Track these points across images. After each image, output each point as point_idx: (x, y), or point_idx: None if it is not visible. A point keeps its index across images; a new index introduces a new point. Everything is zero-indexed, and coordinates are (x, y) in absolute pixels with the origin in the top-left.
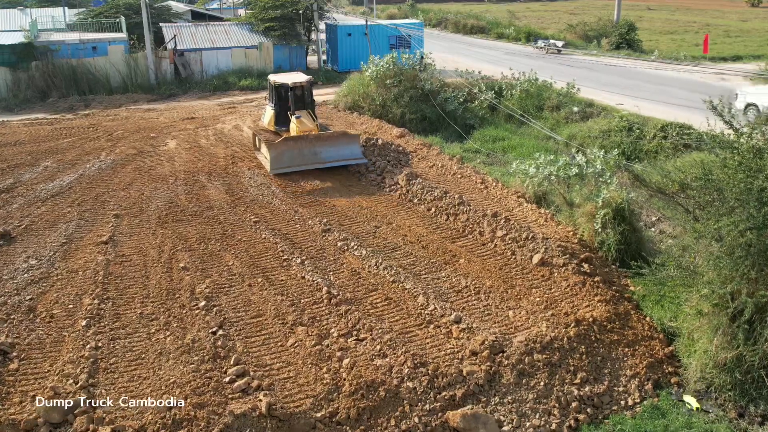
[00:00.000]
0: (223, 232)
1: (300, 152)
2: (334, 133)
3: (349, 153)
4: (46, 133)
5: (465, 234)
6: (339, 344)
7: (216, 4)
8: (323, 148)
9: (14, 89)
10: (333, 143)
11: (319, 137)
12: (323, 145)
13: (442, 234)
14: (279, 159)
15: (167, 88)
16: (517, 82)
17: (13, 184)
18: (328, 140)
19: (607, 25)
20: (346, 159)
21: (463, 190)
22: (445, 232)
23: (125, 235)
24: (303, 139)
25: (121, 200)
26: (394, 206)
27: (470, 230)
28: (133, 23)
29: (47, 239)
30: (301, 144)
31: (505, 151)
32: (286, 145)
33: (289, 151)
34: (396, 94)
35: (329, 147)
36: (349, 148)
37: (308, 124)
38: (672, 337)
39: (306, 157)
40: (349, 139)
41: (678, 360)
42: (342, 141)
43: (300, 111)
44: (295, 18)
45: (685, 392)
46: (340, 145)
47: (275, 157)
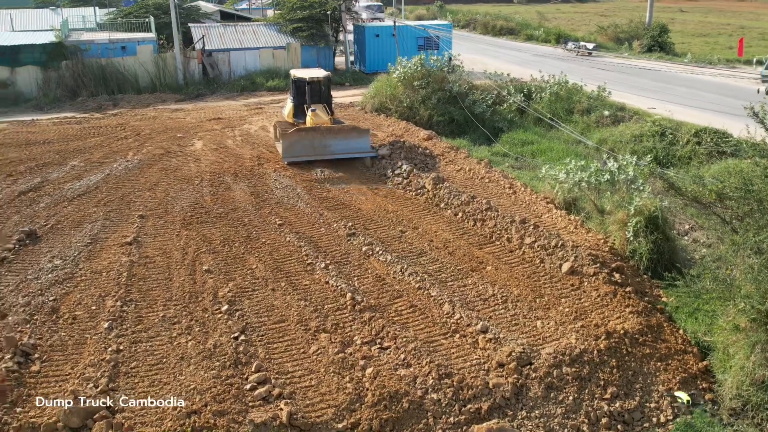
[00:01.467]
0: (248, 234)
1: (311, 143)
2: (344, 127)
3: (359, 146)
4: (74, 132)
5: (492, 240)
6: (362, 352)
7: (245, 4)
8: (334, 140)
9: (45, 88)
10: (344, 136)
11: (331, 130)
12: (334, 137)
13: (469, 240)
14: (291, 148)
15: (195, 89)
16: (547, 85)
17: (41, 183)
18: (339, 133)
19: (638, 27)
20: (356, 152)
21: (491, 194)
22: (472, 237)
23: (149, 236)
24: (315, 130)
25: (146, 201)
26: (420, 210)
27: (498, 236)
28: (162, 23)
29: (72, 239)
30: (313, 135)
31: (534, 155)
32: (298, 136)
33: (301, 142)
34: (423, 96)
35: (340, 140)
36: (359, 142)
37: (322, 116)
38: (706, 351)
39: (317, 148)
40: (359, 133)
41: (713, 376)
42: (352, 134)
43: (316, 105)
44: (323, 19)
45: (721, 409)
46: (351, 139)
47: (288, 146)
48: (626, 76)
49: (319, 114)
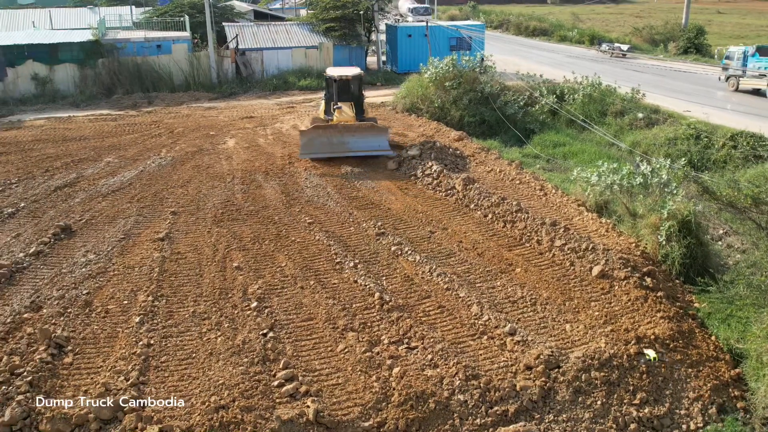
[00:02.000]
0: (278, 232)
1: (329, 140)
2: (363, 125)
3: (377, 144)
4: (109, 129)
5: (522, 242)
6: (389, 352)
7: (278, 3)
8: (352, 138)
9: (81, 85)
10: (362, 134)
11: (349, 127)
12: (352, 135)
13: (499, 241)
14: (309, 145)
15: (228, 87)
16: (580, 87)
17: (76, 179)
18: (357, 131)
19: (674, 29)
20: (374, 150)
21: (522, 196)
22: (501, 239)
23: (181, 232)
24: (333, 127)
25: (178, 197)
26: (450, 211)
27: (528, 238)
28: (196, 22)
29: (106, 234)
30: (331, 132)
31: (566, 157)
32: (315, 133)
33: (318, 138)
34: (455, 96)
35: (358, 137)
36: (377, 140)
37: (346, 114)
38: (739, 358)
39: (335, 146)
40: (377, 131)
41: (745, 384)
42: (370, 132)
43: (343, 102)
44: (356, 18)
45: (753, 418)
46: (369, 136)
47: (305, 142)
48: (661, 78)
49: (343, 111)
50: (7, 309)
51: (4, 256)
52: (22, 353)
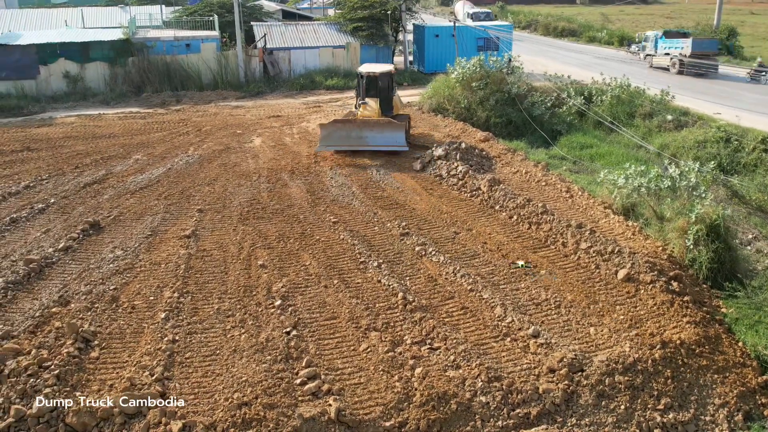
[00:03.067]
0: (302, 231)
1: (348, 134)
2: (380, 120)
3: (393, 140)
4: (138, 127)
5: (547, 244)
6: (412, 352)
7: (306, 3)
8: (369, 132)
9: (111, 83)
10: (379, 129)
11: (367, 122)
12: (370, 130)
13: (524, 243)
14: (328, 138)
15: (255, 86)
16: (608, 88)
17: (105, 176)
18: (374, 126)
19: (706, 29)
20: (390, 145)
21: (547, 198)
22: (526, 241)
23: (207, 230)
24: (351, 122)
25: (205, 195)
26: (474, 212)
27: (553, 240)
28: (225, 21)
29: (133, 231)
30: (349, 127)
31: (593, 159)
32: (335, 126)
33: (337, 132)
34: (482, 97)
35: (375, 132)
36: (393, 135)
37: (370, 109)
38: (767, 365)
39: (352, 139)
40: (394, 127)
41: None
42: (387, 128)
43: (370, 98)
44: (383, 18)
45: None
46: (385, 132)
47: (325, 135)
48: (691, 80)
49: (367, 107)
50: (36, 303)
51: (34, 251)
52: (50, 347)
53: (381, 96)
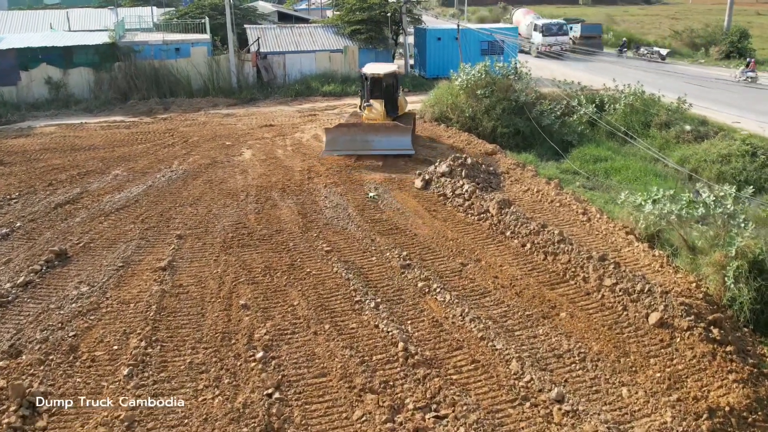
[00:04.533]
0: (291, 262)
1: (353, 138)
2: (386, 124)
3: (399, 144)
4: (121, 138)
5: (566, 279)
6: (415, 422)
7: (304, 4)
8: (375, 136)
9: (96, 90)
10: (385, 133)
11: (373, 126)
12: (375, 134)
13: (539, 277)
14: (333, 142)
15: (248, 93)
16: (621, 95)
17: (80, 194)
18: (379, 130)
19: (716, 32)
20: (396, 149)
21: (562, 221)
22: (542, 274)
23: (185, 260)
24: (357, 126)
25: (186, 218)
26: (483, 239)
27: (572, 274)
28: (217, 24)
29: (103, 261)
30: (355, 131)
31: (608, 173)
32: (340, 131)
33: (342, 136)
34: (487, 105)
35: (381, 136)
36: (399, 139)
37: (376, 112)
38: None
39: (358, 143)
40: (400, 131)
41: None
42: (393, 132)
43: (375, 100)
44: (383, 21)
45: None
46: (391, 136)
47: (330, 140)
48: (703, 84)
49: (372, 109)
50: None
51: None
52: None
53: (386, 97)
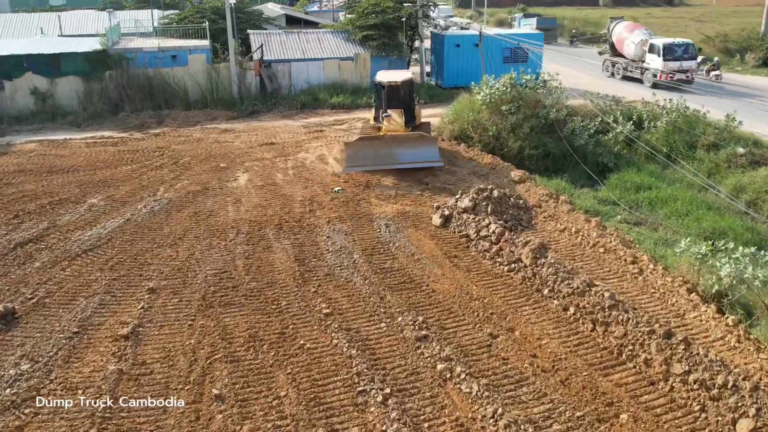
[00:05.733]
0: (282, 329)
1: (376, 152)
2: (411, 135)
3: (426, 155)
4: (106, 158)
5: (622, 360)
6: None
7: (316, 6)
8: (400, 149)
9: (85, 101)
10: (410, 145)
11: (396, 138)
12: (399, 146)
13: (588, 357)
14: (354, 157)
15: (250, 104)
16: (663, 111)
17: (46, 230)
18: (404, 142)
19: (751, 36)
20: (423, 161)
21: (609, 274)
22: (591, 352)
23: (154, 324)
24: (379, 139)
25: (163, 263)
26: (515, 297)
27: (630, 354)
28: (219, 29)
29: (56, 324)
30: (377, 144)
31: (653, 205)
32: (361, 144)
33: (364, 150)
34: (513, 123)
35: (406, 148)
36: (426, 151)
37: (395, 123)
38: None
39: (382, 158)
40: (426, 142)
41: None
42: (419, 143)
43: (393, 110)
44: (397, 26)
45: None
46: (418, 147)
47: (350, 155)
48: (740, 93)
49: (392, 120)
50: None
51: None
52: None
53: (404, 106)
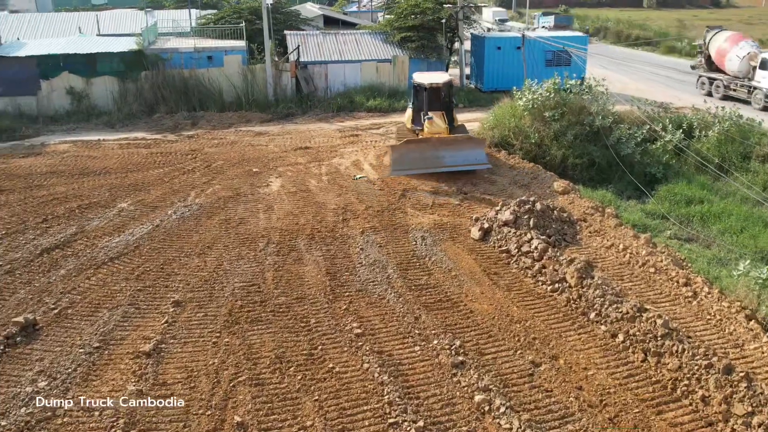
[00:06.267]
0: (310, 349)
1: (422, 155)
2: (458, 137)
3: (473, 158)
4: (138, 160)
5: (677, 396)
6: None
7: (354, 6)
8: (447, 151)
9: (120, 102)
10: (457, 147)
11: (443, 140)
12: (447, 148)
13: (640, 391)
14: (400, 161)
15: (285, 107)
16: (715, 120)
17: (73, 236)
18: (452, 144)
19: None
20: (470, 164)
21: (660, 297)
22: (643, 386)
23: (178, 341)
24: (426, 141)
25: (190, 274)
26: (559, 321)
27: (685, 390)
28: (256, 29)
29: (77, 338)
30: (424, 147)
31: (705, 220)
32: (407, 147)
33: (410, 153)
34: (557, 130)
35: (453, 151)
36: (473, 153)
37: (439, 126)
38: None
39: (428, 160)
40: (473, 143)
41: None
42: (466, 145)
43: (434, 112)
44: (437, 27)
45: None
46: (465, 149)
47: (396, 158)
48: None
49: (435, 123)
50: None
51: None
52: None
53: (445, 108)
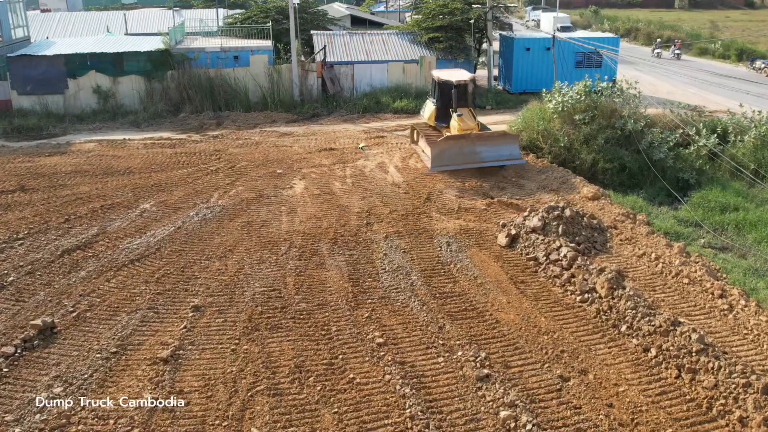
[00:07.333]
0: (331, 358)
1: (460, 151)
2: (494, 133)
3: (508, 153)
4: (162, 160)
5: (713, 416)
6: None
7: (382, 6)
8: (483, 147)
9: (146, 101)
10: (493, 143)
11: (480, 136)
12: (483, 144)
13: (673, 410)
14: (440, 157)
15: (310, 107)
16: (751, 124)
17: (95, 237)
18: (488, 140)
19: None
20: (505, 159)
21: (695, 309)
22: (677, 404)
23: (196, 347)
24: (464, 137)
25: (211, 277)
26: (589, 333)
27: (722, 410)
28: (283, 29)
29: (95, 343)
30: (462, 143)
31: (739, 228)
32: (447, 144)
33: (449, 150)
34: (587, 134)
35: (489, 146)
36: (508, 149)
37: (469, 122)
38: None
39: (466, 156)
40: (508, 140)
41: None
42: (501, 141)
43: (462, 109)
44: (465, 28)
45: None
46: (500, 145)
47: (437, 155)
48: None
49: (465, 119)
50: None
51: None
52: None
53: (470, 105)
